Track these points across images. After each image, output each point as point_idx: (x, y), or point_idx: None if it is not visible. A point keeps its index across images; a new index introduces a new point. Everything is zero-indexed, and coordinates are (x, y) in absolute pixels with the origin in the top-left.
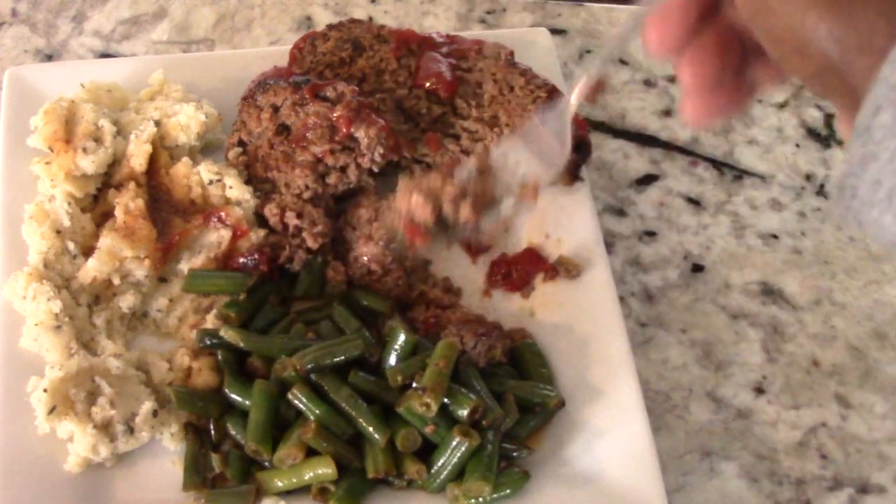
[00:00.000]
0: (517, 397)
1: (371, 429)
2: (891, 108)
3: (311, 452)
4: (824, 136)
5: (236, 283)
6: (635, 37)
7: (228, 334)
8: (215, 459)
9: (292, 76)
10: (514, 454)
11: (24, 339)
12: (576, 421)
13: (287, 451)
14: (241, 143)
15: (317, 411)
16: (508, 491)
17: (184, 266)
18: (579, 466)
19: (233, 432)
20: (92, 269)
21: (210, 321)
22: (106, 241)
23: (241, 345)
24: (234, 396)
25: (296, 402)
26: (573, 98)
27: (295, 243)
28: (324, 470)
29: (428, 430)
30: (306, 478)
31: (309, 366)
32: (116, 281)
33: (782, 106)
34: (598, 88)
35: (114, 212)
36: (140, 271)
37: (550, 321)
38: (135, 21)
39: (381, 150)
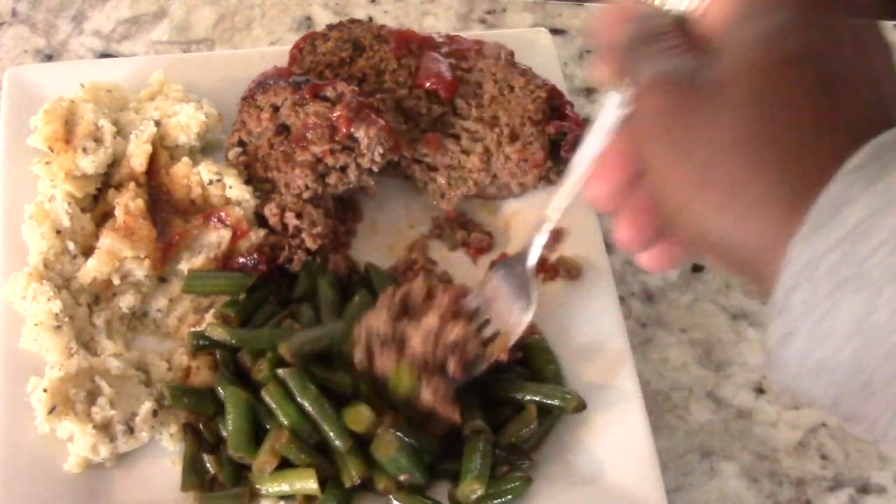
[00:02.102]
0: (534, 402)
1: (333, 435)
2: (804, 285)
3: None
4: None
5: (236, 284)
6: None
7: (216, 332)
8: (209, 461)
9: (292, 76)
10: (517, 462)
11: (24, 339)
12: (576, 421)
13: (263, 459)
14: (241, 143)
15: (286, 419)
16: (510, 497)
17: (184, 266)
18: (579, 466)
19: (224, 433)
20: (92, 269)
21: (209, 321)
22: (106, 241)
23: (230, 340)
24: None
25: (268, 402)
26: (532, 257)
27: (294, 243)
28: (307, 484)
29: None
30: (290, 489)
31: (295, 354)
32: (116, 281)
33: None
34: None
35: (114, 212)
36: (140, 271)
37: (550, 321)
38: (135, 21)
39: (381, 150)
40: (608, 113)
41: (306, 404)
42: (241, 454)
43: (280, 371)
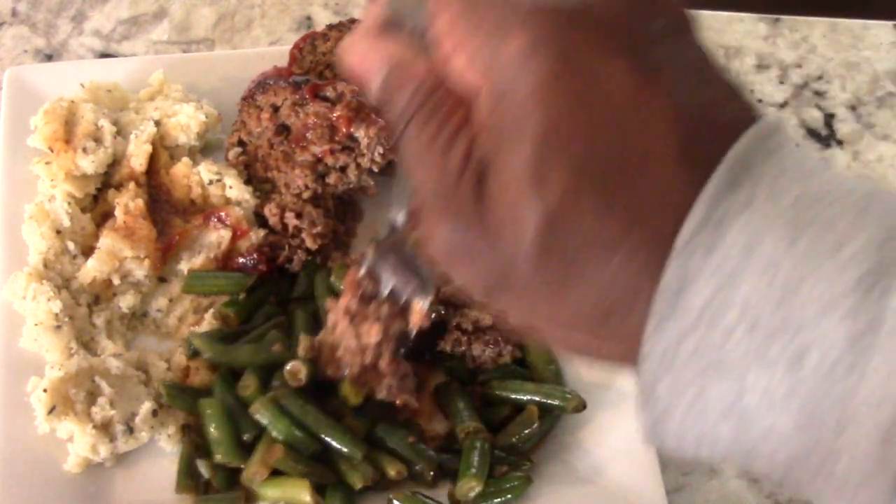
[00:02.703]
0: (535, 402)
1: (342, 446)
2: (665, 377)
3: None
4: (824, 136)
5: (236, 284)
6: None
7: (196, 342)
8: (202, 465)
9: (292, 76)
10: (517, 463)
11: (24, 339)
12: (576, 421)
13: (254, 470)
14: (240, 143)
15: (280, 434)
16: (510, 496)
17: (184, 266)
18: (579, 466)
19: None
20: (92, 270)
21: (208, 321)
22: (106, 241)
23: (206, 353)
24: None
25: (258, 417)
26: (400, 220)
27: (294, 243)
28: (300, 496)
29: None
30: (282, 498)
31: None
32: (116, 281)
33: (782, 106)
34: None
35: (114, 212)
36: (140, 271)
37: None
38: (135, 21)
39: (381, 150)
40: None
41: (306, 422)
42: (227, 461)
43: (274, 395)
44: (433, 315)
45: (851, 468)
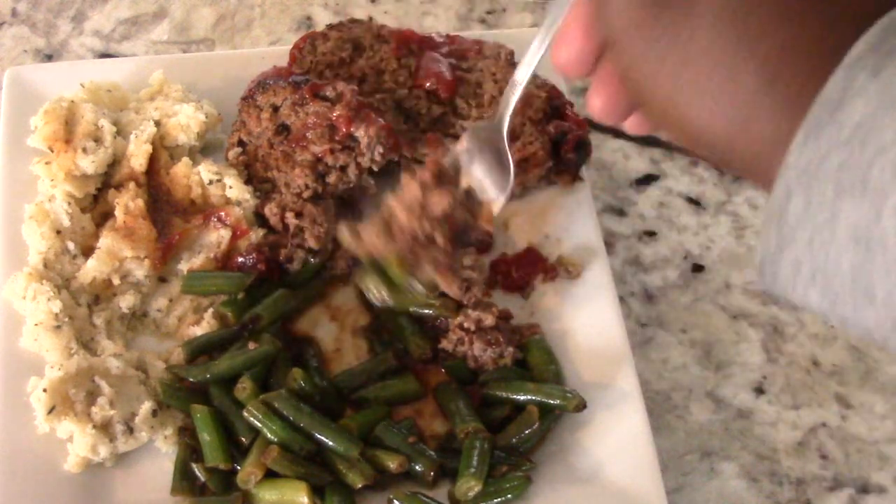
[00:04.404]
0: (535, 402)
1: (337, 445)
2: (801, 192)
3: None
4: None
5: (235, 284)
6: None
7: (172, 374)
8: (198, 469)
9: (292, 76)
10: (517, 463)
11: (24, 339)
12: (576, 421)
13: (248, 471)
14: (240, 143)
15: (274, 435)
16: (510, 496)
17: (184, 266)
18: (579, 466)
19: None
20: (92, 270)
21: (207, 320)
22: (106, 241)
23: (190, 380)
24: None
25: (251, 419)
26: (506, 122)
27: (295, 243)
28: (297, 497)
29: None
30: (280, 499)
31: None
32: (116, 281)
33: None
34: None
35: (114, 212)
36: (140, 271)
37: (550, 321)
38: (135, 21)
39: (381, 150)
40: None
41: (301, 423)
42: (217, 465)
43: (265, 397)
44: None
45: None
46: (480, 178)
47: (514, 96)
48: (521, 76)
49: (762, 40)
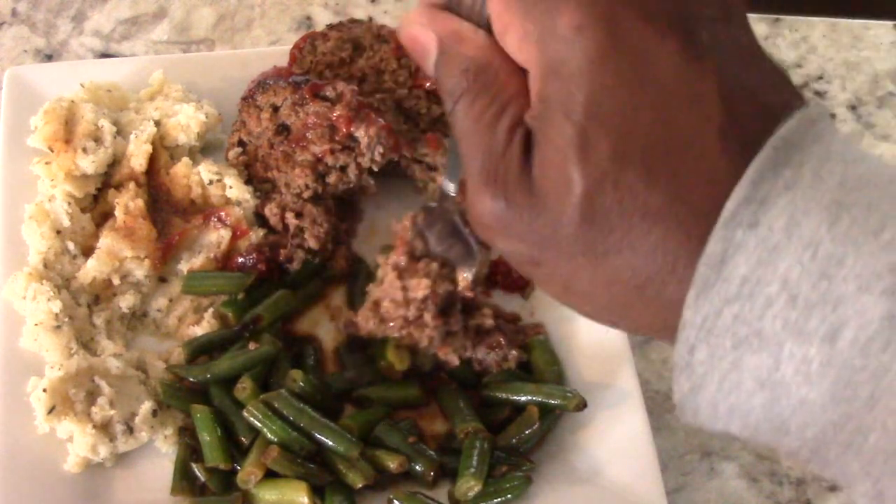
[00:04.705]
0: (535, 403)
1: (337, 445)
2: (703, 346)
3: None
4: None
5: (235, 284)
6: None
7: (173, 373)
8: (198, 469)
9: (292, 76)
10: (517, 463)
11: (23, 339)
12: (576, 421)
13: (249, 471)
14: (241, 143)
15: (274, 435)
16: (510, 496)
17: (184, 266)
18: (579, 466)
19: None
20: (92, 270)
21: (208, 320)
22: (106, 241)
23: (190, 380)
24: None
25: (251, 419)
26: (452, 189)
27: (295, 243)
28: (297, 497)
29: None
30: (280, 500)
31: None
32: (116, 281)
33: None
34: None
35: (114, 212)
36: (140, 271)
37: (550, 321)
38: (135, 21)
39: (381, 150)
40: None
41: (301, 423)
42: (217, 465)
43: (265, 397)
44: (477, 288)
45: (882, 442)
46: (444, 251)
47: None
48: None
49: (626, 251)
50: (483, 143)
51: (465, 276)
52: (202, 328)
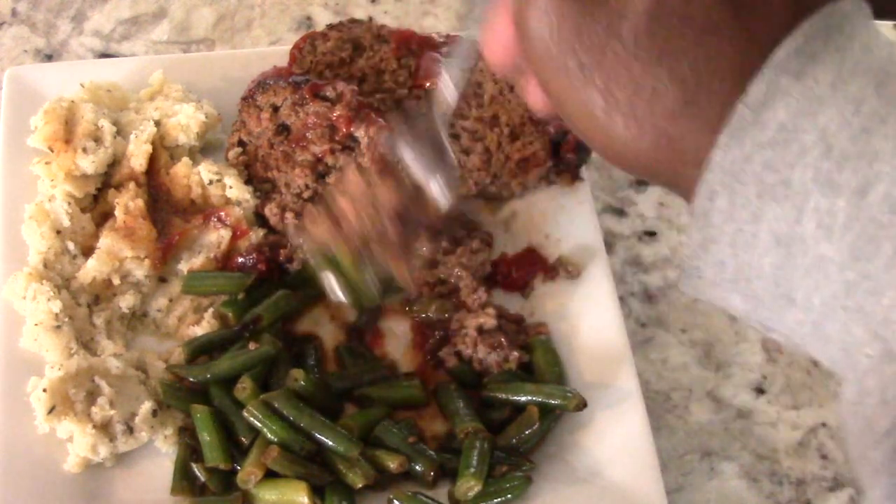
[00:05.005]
0: (535, 403)
1: (337, 445)
2: (725, 192)
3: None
4: None
5: (235, 284)
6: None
7: (172, 373)
8: (198, 469)
9: (292, 76)
10: (517, 463)
11: (23, 339)
12: (575, 421)
13: (249, 471)
14: (241, 143)
15: (274, 435)
16: (510, 496)
17: (184, 266)
18: (579, 466)
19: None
20: (92, 270)
21: (208, 320)
22: (106, 241)
23: (191, 379)
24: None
25: (251, 419)
26: (449, 98)
27: (295, 243)
28: (297, 497)
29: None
30: (280, 499)
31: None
32: (116, 281)
33: None
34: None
35: (114, 212)
36: (140, 271)
37: (550, 321)
38: (135, 21)
39: (381, 150)
40: None
41: (301, 423)
42: (217, 464)
43: (265, 397)
44: (447, 219)
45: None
46: (421, 175)
47: (449, 87)
48: (458, 65)
49: (681, 59)
50: None
51: (440, 203)
52: (202, 328)
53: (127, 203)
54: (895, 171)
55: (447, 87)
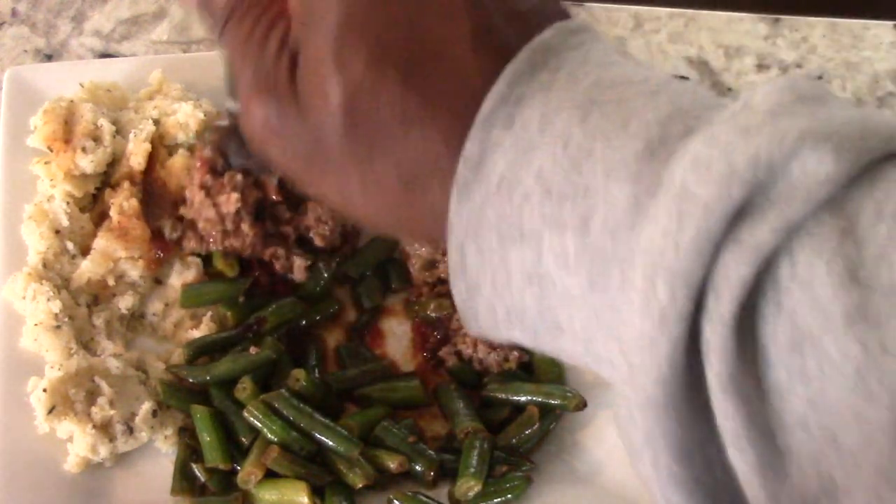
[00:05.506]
0: (535, 403)
1: (341, 447)
2: (471, 244)
3: (273, 471)
4: None
5: (233, 289)
6: None
7: (175, 369)
8: (198, 469)
9: None
10: (517, 463)
11: (23, 339)
12: (576, 421)
13: (248, 471)
14: None
15: (274, 435)
16: (510, 496)
17: (179, 267)
18: (579, 466)
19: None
20: (86, 271)
21: (206, 323)
22: (101, 241)
23: (190, 380)
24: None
25: (251, 419)
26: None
27: (283, 255)
28: (297, 497)
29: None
30: (280, 499)
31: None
32: (112, 282)
33: None
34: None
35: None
36: (134, 272)
37: None
38: (135, 21)
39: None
40: None
41: (302, 423)
42: (217, 465)
43: (265, 397)
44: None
45: (631, 321)
46: (243, 161)
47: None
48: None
49: (390, 153)
50: (254, 56)
51: (270, 181)
52: (201, 332)
53: (121, 203)
54: (606, 202)
55: (229, 102)
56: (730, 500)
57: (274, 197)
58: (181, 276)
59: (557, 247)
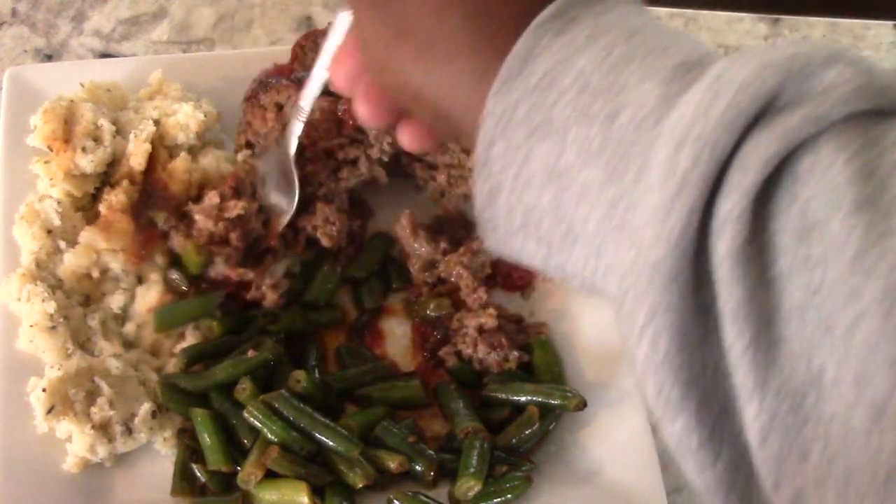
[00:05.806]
0: (535, 403)
1: (341, 447)
2: (500, 138)
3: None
4: None
5: (207, 305)
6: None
7: (169, 382)
8: (198, 470)
9: (293, 73)
10: (517, 463)
11: (20, 340)
12: (576, 421)
13: (249, 471)
14: (248, 144)
15: (275, 436)
16: (510, 496)
17: (162, 263)
18: (578, 466)
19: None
20: (70, 265)
21: (190, 333)
22: (85, 234)
23: (187, 388)
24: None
25: (251, 420)
26: (292, 145)
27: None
28: (298, 497)
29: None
30: (280, 500)
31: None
32: (96, 274)
33: None
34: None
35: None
36: (115, 264)
37: (551, 321)
38: (135, 21)
39: (390, 139)
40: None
41: (302, 423)
42: (218, 467)
43: (265, 397)
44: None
45: (646, 202)
46: (273, 198)
47: (298, 122)
48: (305, 103)
49: (459, 7)
50: None
51: (277, 225)
52: (188, 342)
53: (111, 198)
54: (638, 98)
55: (292, 125)
56: (719, 408)
57: (272, 242)
58: (144, 299)
59: (582, 137)
